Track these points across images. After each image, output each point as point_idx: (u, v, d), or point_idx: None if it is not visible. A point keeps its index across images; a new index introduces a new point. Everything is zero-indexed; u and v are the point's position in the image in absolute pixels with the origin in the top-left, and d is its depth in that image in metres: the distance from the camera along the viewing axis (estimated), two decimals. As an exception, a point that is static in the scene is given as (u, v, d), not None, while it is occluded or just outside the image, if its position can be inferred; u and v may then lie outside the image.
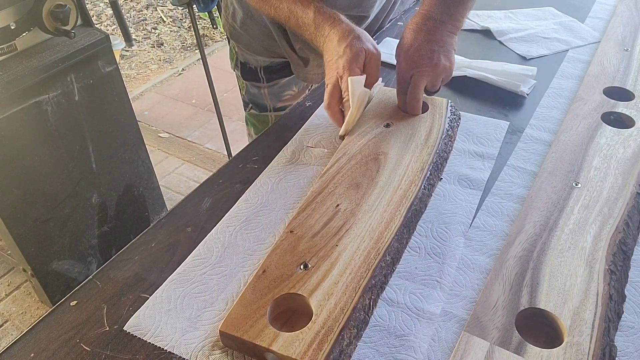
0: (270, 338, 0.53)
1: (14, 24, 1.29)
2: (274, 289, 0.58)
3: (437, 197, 0.73)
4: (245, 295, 0.58)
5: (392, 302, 0.60)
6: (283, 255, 0.62)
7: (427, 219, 0.70)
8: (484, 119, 0.87)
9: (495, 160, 0.79)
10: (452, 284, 0.62)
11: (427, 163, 0.74)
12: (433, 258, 0.65)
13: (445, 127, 0.80)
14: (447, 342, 0.56)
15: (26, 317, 1.72)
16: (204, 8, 1.73)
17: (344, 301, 0.56)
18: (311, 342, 0.52)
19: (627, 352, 0.54)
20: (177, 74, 3.02)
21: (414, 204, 0.68)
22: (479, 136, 0.83)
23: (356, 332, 0.55)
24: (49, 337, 0.59)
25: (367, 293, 0.58)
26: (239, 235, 0.69)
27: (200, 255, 0.66)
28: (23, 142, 1.35)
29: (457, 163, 0.79)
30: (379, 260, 0.61)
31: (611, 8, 1.18)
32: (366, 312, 0.57)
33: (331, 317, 0.54)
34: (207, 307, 0.60)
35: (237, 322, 0.55)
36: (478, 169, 0.77)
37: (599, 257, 0.61)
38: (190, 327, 0.58)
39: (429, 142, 0.78)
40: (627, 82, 0.91)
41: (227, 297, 0.61)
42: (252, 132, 1.25)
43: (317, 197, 0.70)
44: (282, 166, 0.79)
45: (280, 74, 1.13)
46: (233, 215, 0.72)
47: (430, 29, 0.82)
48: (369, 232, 0.64)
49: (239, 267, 0.65)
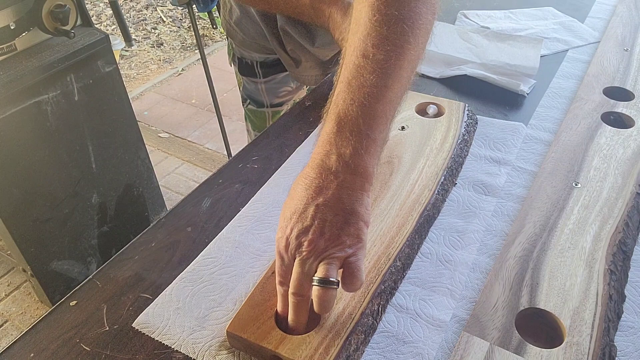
0: (277, 341, 0.52)
1: (14, 24, 1.29)
2: None
3: (450, 202, 0.71)
4: (253, 297, 0.57)
5: (401, 308, 0.59)
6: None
7: (440, 226, 0.68)
8: (501, 122, 0.85)
9: (511, 166, 0.77)
10: (461, 289, 0.61)
11: (442, 168, 0.72)
12: (444, 265, 0.63)
13: (461, 132, 0.79)
14: (447, 342, 0.56)
15: (26, 317, 1.72)
16: (204, 8, 1.73)
17: (352, 306, 0.55)
18: (318, 346, 0.52)
19: (627, 352, 0.54)
20: (176, 74, 3.02)
21: (426, 210, 0.67)
22: (496, 141, 0.81)
23: (364, 337, 0.54)
24: (48, 337, 0.59)
25: (376, 298, 0.57)
26: (249, 235, 0.68)
27: (210, 254, 0.66)
28: (23, 142, 1.35)
29: (472, 169, 0.77)
30: (389, 266, 0.60)
31: (611, 8, 1.18)
32: (374, 318, 0.56)
33: (339, 322, 0.54)
34: (216, 307, 0.60)
35: (244, 323, 0.54)
36: (494, 175, 0.75)
37: (598, 257, 0.61)
38: (198, 326, 0.58)
39: (444, 146, 0.76)
40: (627, 82, 0.91)
41: (235, 298, 0.61)
42: (250, 128, 1.25)
43: None
44: (294, 166, 0.78)
45: (276, 69, 1.13)
46: (245, 214, 0.71)
47: (321, 177, 0.52)
48: (380, 236, 0.63)
49: (248, 268, 0.64)
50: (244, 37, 1.08)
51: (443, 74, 0.98)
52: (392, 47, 0.54)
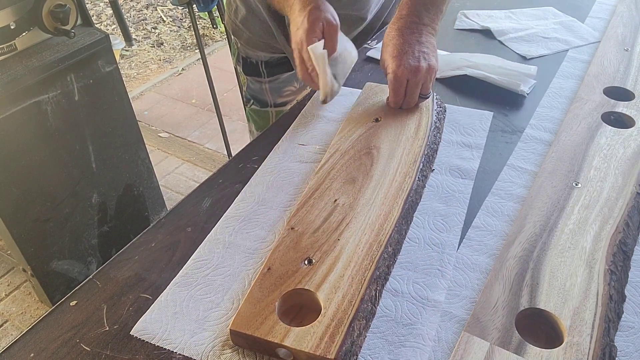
0: (282, 334, 0.53)
1: (14, 24, 1.29)
2: (281, 286, 0.58)
3: (430, 188, 0.74)
4: (252, 293, 0.58)
5: (397, 293, 0.61)
6: (286, 252, 0.63)
7: (424, 211, 0.71)
8: (468, 110, 0.89)
9: (483, 149, 0.80)
10: (452, 279, 0.62)
11: (419, 155, 0.75)
12: (432, 248, 0.66)
13: (433, 119, 0.82)
14: (447, 342, 0.56)
15: (26, 317, 1.72)
16: (204, 8, 1.73)
17: (351, 293, 0.57)
18: (323, 335, 0.53)
19: (627, 352, 0.54)
20: (177, 73, 3.02)
21: (410, 196, 0.69)
22: (465, 127, 0.85)
23: (365, 322, 0.56)
24: (48, 337, 0.59)
25: (373, 284, 0.59)
26: (239, 235, 0.69)
27: (201, 257, 0.67)
28: (23, 142, 1.35)
29: (446, 154, 0.80)
30: (382, 252, 0.62)
31: (611, 8, 1.18)
32: (373, 303, 0.58)
33: (340, 310, 0.55)
34: (214, 307, 0.60)
35: (247, 320, 0.55)
36: (468, 159, 0.79)
37: (599, 257, 0.61)
38: (198, 328, 0.58)
39: (419, 134, 0.79)
40: (627, 82, 0.91)
41: (233, 297, 0.61)
42: (253, 128, 1.25)
43: (314, 194, 0.71)
44: (275, 165, 0.80)
45: (281, 69, 1.14)
46: (231, 215, 0.72)
47: (416, 31, 0.84)
48: (369, 224, 0.65)
49: (241, 267, 0.65)
50: (250, 35, 1.08)
51: (443, 74, 0.98)
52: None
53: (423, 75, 0.82)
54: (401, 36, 0.84)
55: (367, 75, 1.01)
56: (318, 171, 0.74)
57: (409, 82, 0.82)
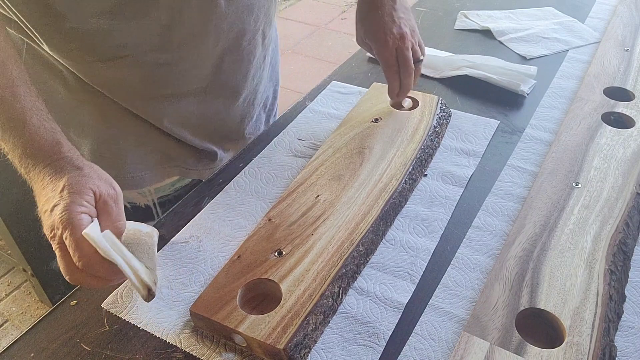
0: (238, 320, 0.55)
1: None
2: (247, 274, 0.60)
3: (418, 192, 0.74)
4: (218, 279, 0.60)
5: (362, 291, 0.61)
6: (259, 242, 0.63)
7: (406, 214, 0.71)
8: (474, 117, 0.88)
9: (480, 157, 0.79)
10: (420, 274, 0.63)
11: (411, 158, 0.75)
12: (407, 251, 0.66)
13: (432, 124, 0.81)
14: (447, 342, 0.56)
15: (26, 317, 1.72)
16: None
17: (312, 288, 0.58)
18: (277, 325, 0.54)
19: (627, 352, 0.54)
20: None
21: (392, 198, 0.69)
22: (467, 134, 0.84)
23: (322, 318, 0.57)
24: (49, 337, 0.59)
25: (337, 281, 0.59)
26: (221, 222, 0.70)
27: (180, 240, 0.68)
28: (23, 142, 1.35)
29: (442, 160, 0.80)
30: (352, 250, 0.62)
31: (611, 8, 1.18)
32: (334, 300, 0.58)
33: (298, 303, 0.56)
34: (184, 289, 0.62)
35: (207, 304, 0.56)
36: (463, 166, 0.78)
37: (599, 257, 0.61)
38: (165, 307, 0.60)
39: (415, 137, 0.79)
40: (627, 82, 0.91)
41: (203, 281, 0.63)
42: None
43: (298, 188, 0.71)
44: (269, 157, 0.81)
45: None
46: (218, 202, 0.74)
47: (385, 2, 0.83)
48: (345, 222, 0.66)
49: (217, 252, 0.66)
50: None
51: (443, 74, 0.98)
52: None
53: (409, 40, 0.81)
54: (376, 10, 0.82)
55: (368, 75, 1.01)
56: (307, 166, 0.75)
57: (398, 50, 0.80)
